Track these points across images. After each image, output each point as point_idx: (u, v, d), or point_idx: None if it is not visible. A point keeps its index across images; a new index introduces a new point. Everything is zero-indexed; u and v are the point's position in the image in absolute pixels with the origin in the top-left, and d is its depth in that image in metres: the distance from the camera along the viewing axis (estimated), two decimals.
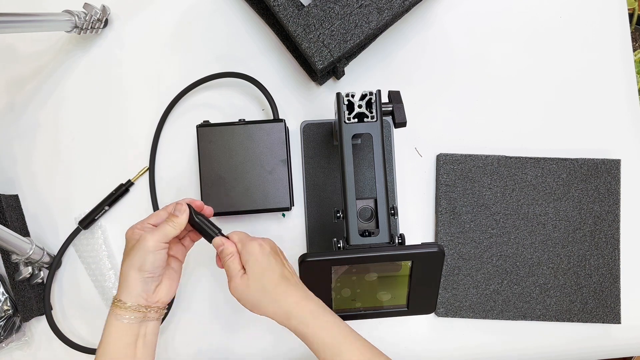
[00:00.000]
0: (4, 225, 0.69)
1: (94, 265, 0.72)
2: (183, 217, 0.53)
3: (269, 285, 0.51)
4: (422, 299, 0.60)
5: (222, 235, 0.56)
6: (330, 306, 0.59)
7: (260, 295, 0.51)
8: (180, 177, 0.74)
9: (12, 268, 0.70)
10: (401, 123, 0.60)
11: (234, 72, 0.72)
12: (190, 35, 0.76)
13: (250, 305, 0.52)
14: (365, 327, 0.73)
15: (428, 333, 0.73)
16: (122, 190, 0.73)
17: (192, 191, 0.74)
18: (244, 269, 0.52)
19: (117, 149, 0.75)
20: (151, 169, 0.74)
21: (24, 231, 0.73)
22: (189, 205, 0.55)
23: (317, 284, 0.57)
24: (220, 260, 0.54)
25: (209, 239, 0.56)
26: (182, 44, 0.76)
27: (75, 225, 0.73)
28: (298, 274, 0.56)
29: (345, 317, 0.61)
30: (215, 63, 0.75)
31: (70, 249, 0.74)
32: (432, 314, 0.73)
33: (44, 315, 0.72)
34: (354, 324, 0.72)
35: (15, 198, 0.74)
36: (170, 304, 0.72)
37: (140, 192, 0.74)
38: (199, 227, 0.56)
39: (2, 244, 0.63)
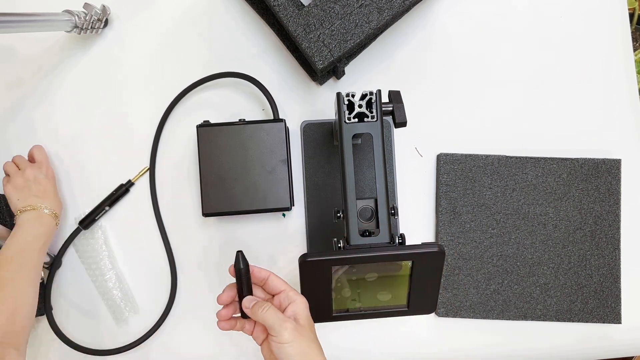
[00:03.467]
0: (4, 225, 0.69)
1: (95, 265, 0.72)
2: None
3: (315, 338, 0.53)
4: (422, 299, 0.60)
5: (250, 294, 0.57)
6: (330, 306, 0.59)
7: (312, 345, 0.51)
8: (180, 177, 0.74)
9: None
10: (401, 123, 0.60)
11: (234, 72, 0.72)
12: (190, 35, 0.76)
13: (301, 351, 0.50)
14: (366, 327, 0.73)
15: (428, 333, 0.73)
16: (123, 190, 0.73)
17: (192, 191, 0.74)
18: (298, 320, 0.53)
19: (117, 148, 0.75)
20: (151, 169, 0.74)
21: None
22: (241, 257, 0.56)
23: (317, 284, 0.57)
24: (250, 314, 0.54)
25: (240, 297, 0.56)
26: (182, 44, 0.76)
27: (75, 226, 0.73)
28: (299, 275, 0.56)
29: (345, 317, 0.61)
30: (215, 63, 0.75)
31: (71, 250, 0.74)
32: (433, 314, 0.73)
33: (44, 315, 0.72)
34: (354, 324, 0.72)
35: None
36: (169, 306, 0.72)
37: (140, 192, 0.74)
38: (239, 281, 0.56)
39: (3, 244, 0.63)
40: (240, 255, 0.56)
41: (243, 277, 0.56)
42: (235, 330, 0.56)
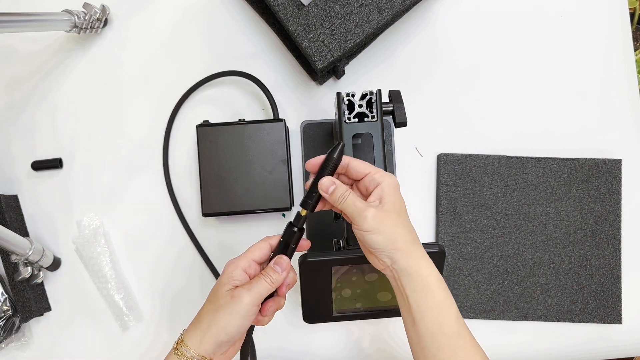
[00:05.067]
0: (4, 225, 0.69)
1: (97, 267, 0.72)
2: (282, 275, 0.49)
3: (405, 222, 0.47)
4: None
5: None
6: (330, 307, 0.59)
7: (399, 231, 0.46)
8: (180, 177, 0.74)
9: (12, 268, 0.70)
10: (402, 123, 0.60)
11: (237, 70, 0.72)
12: (190, 35, 0.76)
13: (385, 238, 0.45)
14: (366, 327, 0.73)
15: None
16: None
17: (192, 191, 0.74)
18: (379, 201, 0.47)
19: (116, 148, 0.75)
20: (166, 170, 0.74)
21: (23, 231, 0.73)
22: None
23: (317, 284, 0.57)
24: (329, 199, 0.48)
25: (317, 180, 0.49)
26: (182, 43, 0.76)
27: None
28: (298, 275, 0.56)
29: (345, 317, 0.61)
30: (215, 62, 0.75)
31: (71, 250, 0.74)
32: None
33: (44, 316, 0.72)
34: (354, 324, 0.72)
35: (15, 198, 0.73)
36: None
37: (152, 194, 0.74)
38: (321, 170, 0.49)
39: (2, 244, 0.63)
40: (342, 146, 0.49)
41: (328, 168, 0.48)
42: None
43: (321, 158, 0.49)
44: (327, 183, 0.48)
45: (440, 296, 0.46)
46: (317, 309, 0.59)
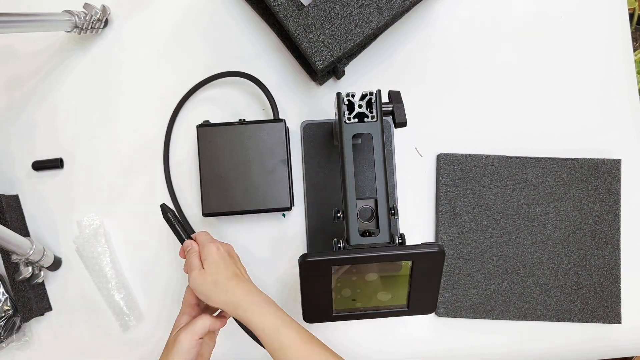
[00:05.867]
0: (4, 225, 0.69)
1: (97, 267, 0.72)
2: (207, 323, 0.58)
3: (222, 279, 0.57)
4: (422, 299, 0.60)
5: (190, 237, 0.63)
6: (330, 306, 0.59)
7: (213, 287, 0.57)
8: (181, 177, 0.74)
9: (12, 268, 0.70)
10: (401, 123, 0.60)
11: (237, 71, 0.72)
12: (190, 36, 0.76)
13: (204, 296, 0.57)
14: (366, 327, 0.73)
15: (428, 333, 0.73)
16: None
17: (192, 191, 0.74)
18: (202, 265, 0.59)
19: (117, 148, 0.75)
20: (166, 170, 0.74)
21: (24, 231, 0.73)
22: (165, 207, 0.64)
23: (317, 284, 0.57)
24: (184, 254, 0.62)
25: (181, 240, 0.63)
26: (182, 44, 0.76)
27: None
28: (299, 275, 0.56)
29: (345, 317, 0.61)
30: (215, 63, 0.75)
31: (72, 250, 0.74)
32: (433, 314, 0.73)
33: (44, 316, 0.72)
34: (354, 324, 0.72)
35: (16, 198, 0.74)
36: None
37: (152, 194, 0.74)
38: (173, 228, 0.63)
39: (3, 244, 0.63)
40: (167, 210, 0.63)
41: (177, 224, 0.64)
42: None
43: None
44: (187, 244, 0.62)
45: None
46: (317, 309, 0.59)
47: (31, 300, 0.70)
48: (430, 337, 0.73)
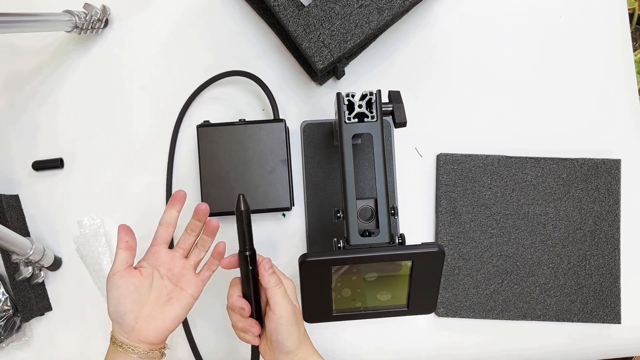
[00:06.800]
0: (5, 225, 0.69)
1: (98, 266, 0.72)
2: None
3: (302, 329, 0.58)
4: (422, 298, 0.60)
5: (253, 249, 0.58)
6: (330, 306, 0.59)
7: (296, 335, 0.56)
8: (181, 177, 0.74)
9: (12, 268, 0.70)
10: (401, 123, 0.60)
11: (240, 70, 0.72)
12: (190, 36, 0.76)
13: (281, 337, 0.55)
14: (366, 327, 0.73)
15: (428, 333, 0.73)
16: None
17: (192, 191, 0.74)
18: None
19: (117, 148, 0.75)
20: (169, 173, 0.74)
21: (24, 231, 0.73)
22: (244, 199, 0.56)
23: (317, 283, 0.57)
24: (263, 274, 0.56)
25: (245, 245, 0.57)
26: (182, 44, 0.76)
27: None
28: (299, 275, 0.57)
29: (345, 317, 0.61)
30: (215, 63, 0.75)
31: (72, 250, 0.74)
32: (432, 314, 0.73)
33: (44, 315, 0.72)
34: (354, 323, 0.73)
35: (16, 198, 0.74)
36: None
37: (152, 194, 0.74)
38: (242, 227, 0.56)
39: (3, 244, 0.63)
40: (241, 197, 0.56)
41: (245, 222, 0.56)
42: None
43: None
44: (267, 264, 0.57)
45: None
46: (317, 309, 0.59)
47: (31, 300, 0.70)
48: (430, 337, 0.73)
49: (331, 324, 0.71)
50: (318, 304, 0.59)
